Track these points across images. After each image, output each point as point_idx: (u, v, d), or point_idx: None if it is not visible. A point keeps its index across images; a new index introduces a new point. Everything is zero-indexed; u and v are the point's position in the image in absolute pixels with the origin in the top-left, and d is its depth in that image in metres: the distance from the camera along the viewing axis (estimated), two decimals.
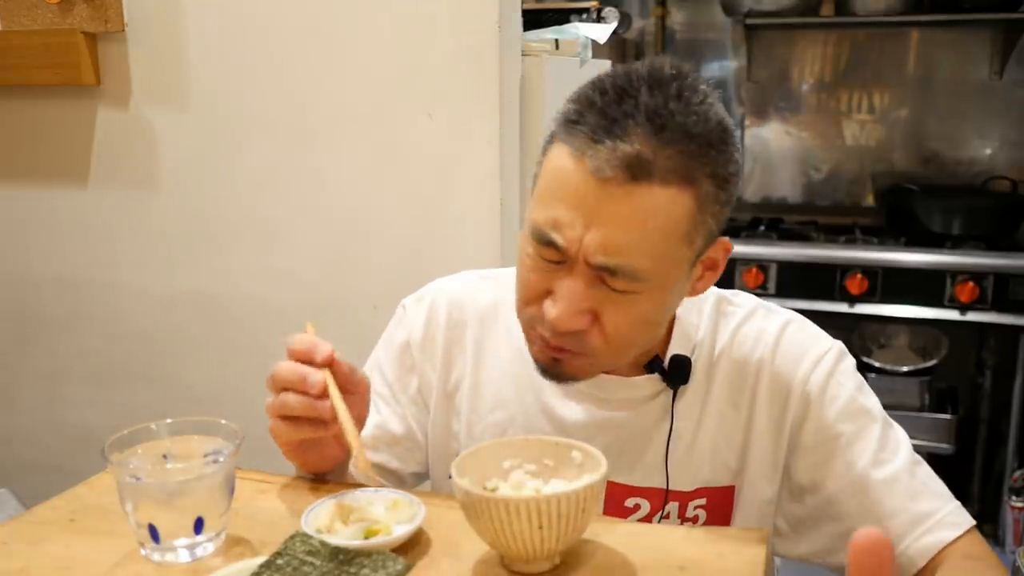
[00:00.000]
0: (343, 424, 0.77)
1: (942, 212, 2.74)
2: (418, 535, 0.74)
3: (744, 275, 2.67)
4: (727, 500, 0.93)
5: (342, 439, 0.83)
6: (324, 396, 0.77)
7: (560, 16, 1.87)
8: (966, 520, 0.85)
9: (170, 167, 1.67)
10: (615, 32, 1.91)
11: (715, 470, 0.92)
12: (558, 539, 0.66)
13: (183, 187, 1.67)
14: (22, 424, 1.89)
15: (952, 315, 2.53)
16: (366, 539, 0.71)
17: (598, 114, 0.75)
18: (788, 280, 2.66)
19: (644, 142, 0.73)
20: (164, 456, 0.75)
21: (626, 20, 2.57)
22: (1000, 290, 2.48)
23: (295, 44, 1.54)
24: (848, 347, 0.95)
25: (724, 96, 3.15)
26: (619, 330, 0.80)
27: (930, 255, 2.56)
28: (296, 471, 0.89)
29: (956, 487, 0.89)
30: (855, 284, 2.58)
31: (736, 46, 3.09)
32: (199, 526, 0.71)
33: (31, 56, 1.63)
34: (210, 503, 0.72)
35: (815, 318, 0.96)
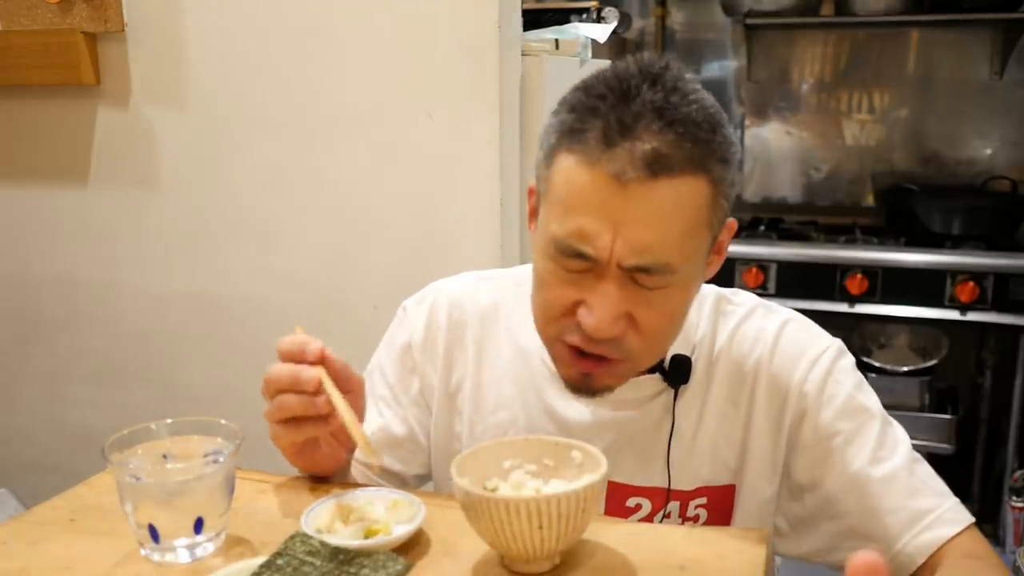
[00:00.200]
0: (343, 416, 0.77)
1: (942, 212, 2.73)
2: (418, 535, 0.74)
3: (744, 275, 2.67)
4: (727, 499, 0.93)
5: (343, 435, 0.83)
6: (319, 392, 0.77)
7: (560, 16, 1.87)
8: (965, 517, 0.86)
9: (170, 167, 1.67)
10: (615, 32, 1.91)
11: (715, 469, 0.92)
12: (558, 539, 0.66)
13: (183, 187, 1.67)
14: (22, 424, 1.89)
15: (952, 315, 2.53)
16: (366, 539, 0.71)
17: (605, 118, 0.75)
18: (788, 280, 2.66)
19: (658, 138, 0.73)
20: (164, 456, 0.75)
21: (626, 20, 2.57)
22: (1000, 290, 2.47)
23: (295, 44, 1.54)
24: (848, 347, 0.95)
25: (724, 96, 3.15)
26: (655, 328, 0.80)
27: (930, 255, 2.56)
28: (299, 473, 0.89)
29: (956, 487, 0.89)
30: (855, 284, 2.58)
31: (736, 46, 3.09)
32: (199, 526, 0.71)
33: (31, 56, 1.63)
34: (210, 503, 0.72)
35: (815, 318, 0.96)
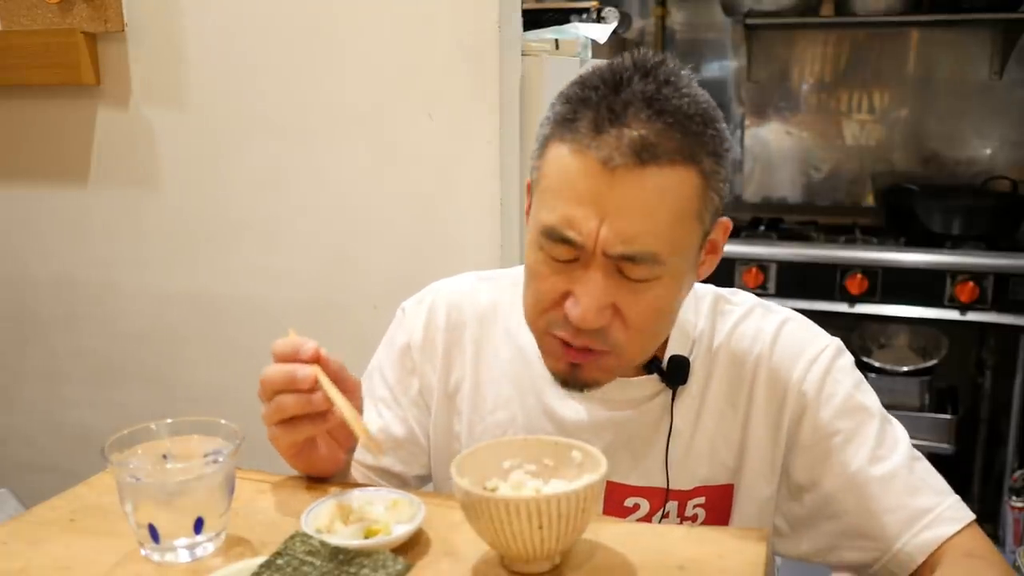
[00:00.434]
0: (343, 411, 0.77)
1: (942, 212, 2.73)
2: (418, 535, 0.74)
3: (744, 275, 2.67)
4: (726, 499, 0.93)
5: (341, 435, 0.83)
6: (315, 389, 0.77)
7: (560, 16, 1.87)
8: (965, 515, 0.85)
9: (170, 167, 1.67)
10: (615, 32, 1.91)
11: (713, 469, 0.92)
12: (558, 539, 0.66)
13: (183, 187, 1.67)
14: (21, 424, 1.89)
15: (952, 315, 2.53)
16: (366, 539, 0.71)
17: (596, 107, 0.75)
18: (788, 280, 2.66)
19: (647, 126, 0.74)
20: (164, 456, 0.75)
21: (626, 20, 2.57)
22: (1000, 290, 2.47)
23: (295, 44, 1.54)
24: (848, 347, 0.95)
25: (724, 96, 3.15)
26: (641, 320, 0.80)
27: (930, 255, 2.56)
28: (299, 474, 0.89)
29: (956, 487, 0.89)
30: (855, 284, 2.58)
31: (736, 46, 3.09)
32: (199, 526, 0.71)
33: (31, 56, 1.63)
34: (210, 503, 0.72)
35: (815, 318, 0.96)
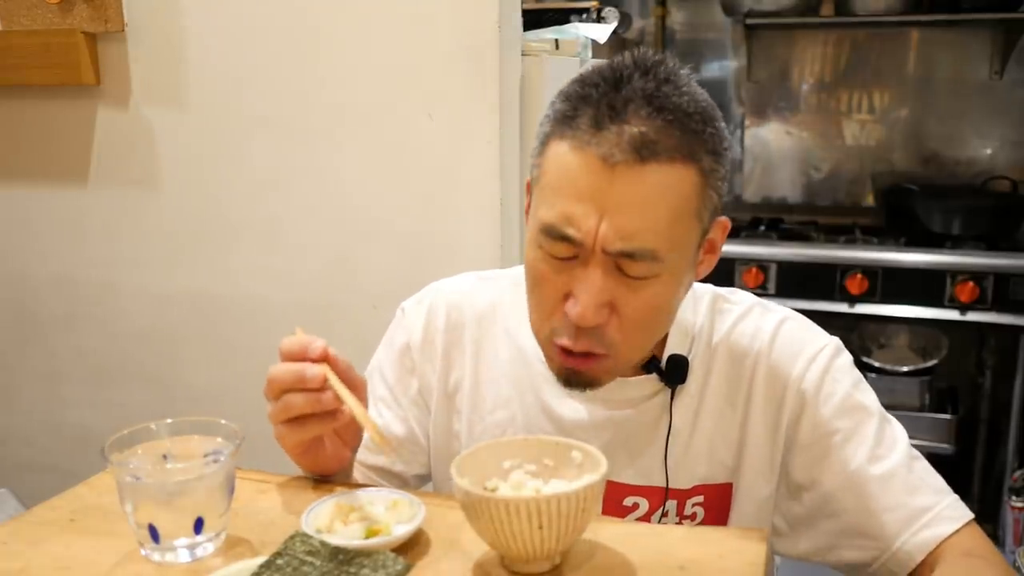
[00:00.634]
0: (353, 409, 0.77)
1: (942, 212, 2.73)
2: (418, 535, 0.74)
3: (744, 275, 2.67)
4: (725, 498, 0.93)
5: (347, 433, 0.83)
6: (325, 388, 0.77)
7: (560, 16, 1.87)
8: (964, 514, 0.86)
9: (170, 167, 1.67)
10: (615, 32, 1.91)
11: (712, 467, 0.92)
12: (558, 539, 0.66)
13: (183, 187, 1.67)
14: (21, 424, 1.89)
15: (952, 315, 2.53)
16: (366, 539, 0.71)
17: (596, 104, 0.76)
18: (788, 280, 2.66)
19: (647, 123, 0.74)
20: (164, 456, 0.75)
21: (626, 20, 2.57)
22: (1000, 290, 2.47)
23: (295, 44, 1.54)
24: (848, 347, 0.95)
25: (724, 96, 3.15)
26: (638, 319, 0.80)
27: (930, 255, 2.56)
28: (300, 473, 0.89)
29: (956, 487, 0.89)
30: (855, 284, 2.58)
31: (736, 46, 3.09)
32: (199, 526, 0.71)
33: (31, 56, 1.63)
34: (210, 503, 0.72)
35: (815, 318, 0.96)
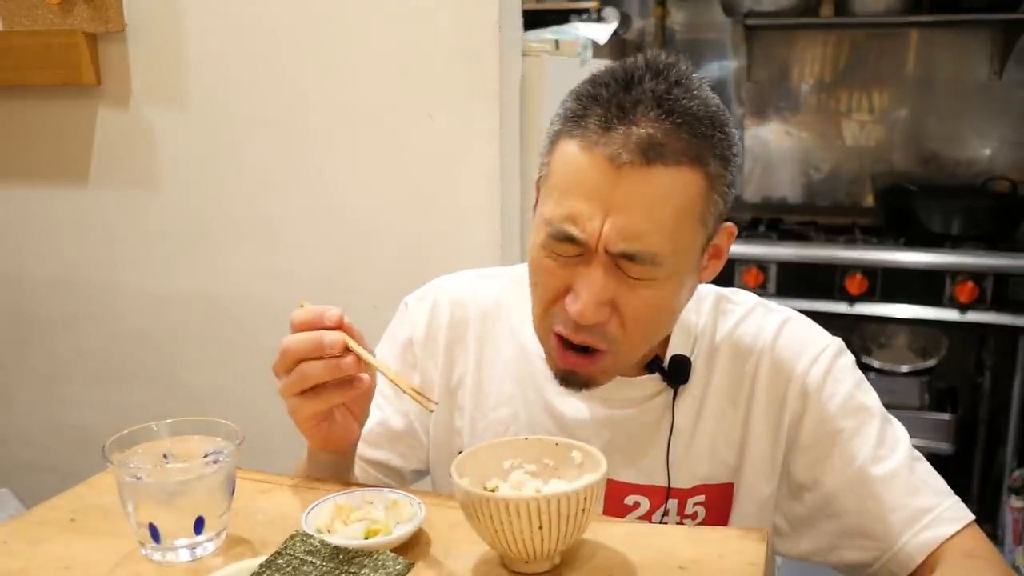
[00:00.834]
0: (384, 369, 0.77)
1: (942, 212, 2.73)
2: (418, 535, 0.74)
3: (744, 275, 2.67)
4: (726, 497, 0.93)
5: (359, 403, 0.83)
6: (345, 354, 0.76)
7: (560, 16, 1.87)
8: (965, 515, 0.86)
9: (170, 167, 1.67)
10: (615, 32, 1.91)
11: (713, 467, 0.92)
12: (558, 539, 0.66)
13: (183, 187, 1.67)
14: (20, 425, 1.89)
15: (951, 315, 2.53)
16: (366, 539, 0.71)
17: (606, 104, 0.76)
18: (788, 280, 2.66)
19: (655, 125, 0.74)
20: (164, 456, 0.75)
21: (626, 20, 2.57)
22: (1000, 290, 2.47)
23: (295, 44, 1.54)
24: (848, 347, 0.95)
25: (724, 96, 3.15)
26: (639, 318, 0.80)
27: (930, 255, 2.56)
28: (306, 463, 0.89)
29: (955, 487, 0.89)
30: (855, 284, 2.58)
31: (736, 46, 3.09)
32: (199, 526, 0.71)
33: (32, 56, 1.63)
34: (210, 503, 0.72)
35: (815, 318, 0.96)
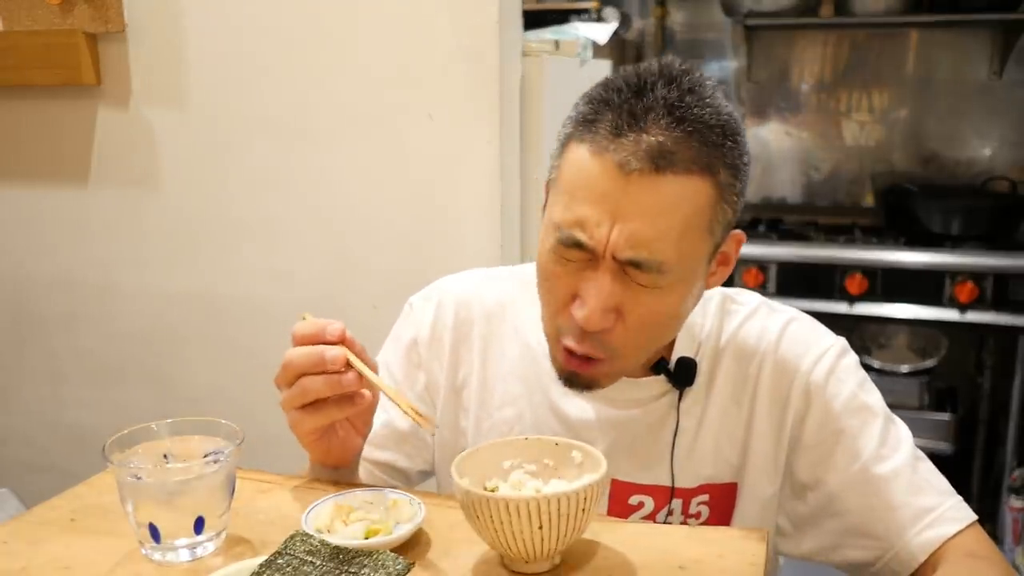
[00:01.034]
0: (384, 388, 0.77)
1: (942, 212, 2.73)
2: (418, 535, 0.74)
3: (744, 275, 2.67)
4: (730, 497, 0.93)
5: (362, 417, 0.84)
6: (346, 370, 0.77)
7: (560, 16, 1.88)
8: (967, 515, 0.86)
9: (170, 167, 1.67)
10: (615, 32, 1.91)
11: (717, 467, 0.92)
12: (558, 539, 0.66)
13: (183, 187, 1.67)
14: (20, 425, 1.89)
15: (951, 315, 2.53)
16: (366, 539, 0.71)
17: (617, 110, 0.76)
18: (788, 280, 2.66)
19: (666, 134, 0.74)
20: (164, 456, 0.75)
21: (626, 20, 2.58)
22: (999, 290, 2.47)
23: (295, 44, 1.54)
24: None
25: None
26: (643, 325, 0.80)
27: (929, 255, 2.56)
28: (308, 472, 0.89)
29: (955, 487, 0.89)
30: (855, 284, 2.58)
31: (736, 46, 3.09)
32: (199, 526, 0.71)
33: (32, 56, 1.63)
34: (210, 503, 0.72)
35: (815, 318, 0.96)
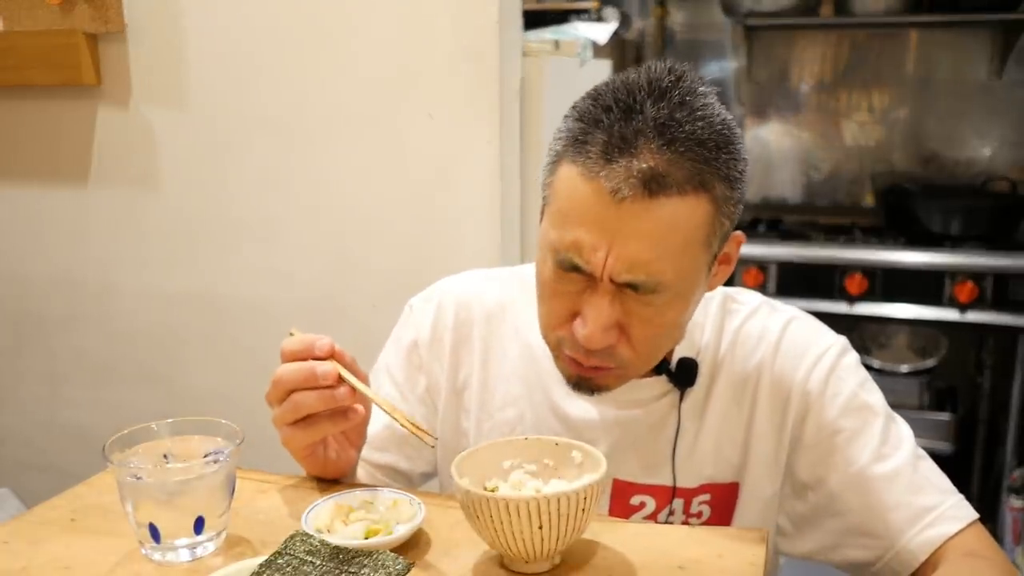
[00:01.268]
0: (380, 403, 0.77)
1: (941, 212, 2.73)
2: (418, 535, 0.74)
3: (744, 275, 2.67)
4: (731, 497, 0.93)
5: (355, 431, 0.84)
6: (338, 385, 0.77)
7: (560, 16, 1.87)
8: (968, 514, 0.86)
9: (170, 167, 1.67)
10: (615, 32, 1.91)
11: (718, 467, 0.92)
12: (558, 539, 0.66)
13: (183, 187, 1.67)
14: (20, 424, 1.89)
15: (951, 315, 2.53)
16: (366, 539, 0.71)
17: (607, 132, 0.74)
18: (788, 280, 2.66)
19: (657, 157, 0.73)
20: (165, 456, 0.75)
21: (626, 20, 2.57)
22: (999, 290, 2.47)
23: (295, 44, 1.54)
24: None
25: (724, 96, 3.15)
26: (647, 338, 0.80)
27: (929, 255, 2.56)
28: (300, 474, 0.89)
29: (955, 486, 0.89)
30: (855, 284, 2.58)
31: (736, 46, 3.09)
32: (199, 526, 0.71)
33: (32, 56, 1.63)
34: (210, 503, 0.72)
35: (815, 318, 0.96)
